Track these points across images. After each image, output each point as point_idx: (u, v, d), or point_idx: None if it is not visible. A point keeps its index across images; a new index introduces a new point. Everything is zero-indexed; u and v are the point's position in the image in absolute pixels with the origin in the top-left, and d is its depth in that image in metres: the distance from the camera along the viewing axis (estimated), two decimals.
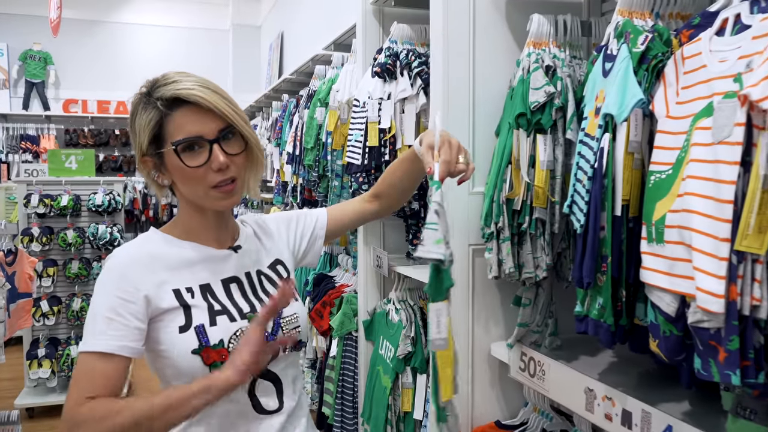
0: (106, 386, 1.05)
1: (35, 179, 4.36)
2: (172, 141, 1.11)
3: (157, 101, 1.12)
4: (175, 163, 1.12)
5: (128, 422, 1.00)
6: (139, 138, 1.14)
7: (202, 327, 1.13)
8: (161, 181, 1.19)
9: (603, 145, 1.10)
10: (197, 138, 1.12)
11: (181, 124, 1.11)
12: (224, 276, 1.21)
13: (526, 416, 1.68)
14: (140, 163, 1.17)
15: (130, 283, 1.10)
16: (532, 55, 1.40)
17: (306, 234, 1.42)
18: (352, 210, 1.48)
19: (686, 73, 1.01)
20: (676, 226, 0.95)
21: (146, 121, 1.12)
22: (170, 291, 1.14)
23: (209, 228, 1.23)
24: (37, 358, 4.21)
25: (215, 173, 1.13)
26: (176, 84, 1.11)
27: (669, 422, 1.05)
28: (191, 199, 1.18)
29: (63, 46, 7.94)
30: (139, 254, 1.16)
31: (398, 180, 1.38)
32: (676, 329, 0.98)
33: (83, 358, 1.07)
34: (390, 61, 2.14)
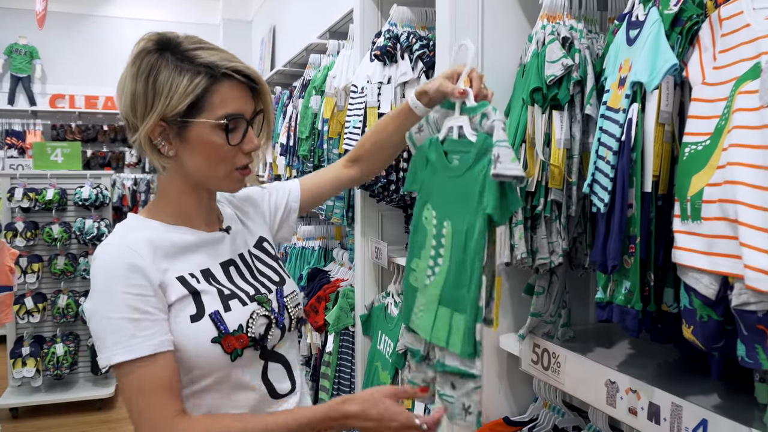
0: (169, 388, 1.00)
1: (19, 173, 4.24)
2: (219, 115, 1.03)
3: (207, 67, 1.02)
4: (208, 137, 1.04)
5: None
6: (168, 100, 1.01)
7: (218, 313, 1.06)
8: (167, 150, 1.06)
9: (631, 116, 1.02)
10: (241, 116, 1.06)
11: (228, 97, 1.04)
12: (222, 259, 1.16)
13: (535, 412, 1.60)
14: (152, 126, 1.03)
15: (139, 275, 1.00)
16: (547, 27, 1.32)
17: (279, 207, 1.37)
18: (327, 177, 1.43)
19: (724, 35, 0.92)
20: (716, 200, 0.87)
21: (188, 85, 1.01)
22: (174, 279, 1.06)
23: (200, 210, 1.16)
24: (21, 357, 4.09)
25: (244, 155, 1.09)
26: (221, 53, 1.05)
27: (703, 416, 0.97)
28: (200, 178, 1.10)
29: (49, 40, 7.78)
30: (134, 243, 1.04)
31: (387, 137, 1.32)
32: (715, 314, 0.90)
33: (124, 370, 0.98)
34: (390, 44, 2.05)
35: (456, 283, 1.06)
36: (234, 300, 1.10)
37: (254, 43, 7.49)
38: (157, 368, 0.99)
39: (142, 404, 0.99)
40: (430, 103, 1.22)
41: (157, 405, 0.99)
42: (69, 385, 4.34)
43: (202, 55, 1.03)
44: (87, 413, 4.20)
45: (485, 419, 1.61)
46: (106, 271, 1.01)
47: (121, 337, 0.98)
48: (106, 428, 4.00)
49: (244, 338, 1.07)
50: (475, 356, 1.02)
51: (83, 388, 4.33)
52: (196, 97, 1.02)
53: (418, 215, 1.17)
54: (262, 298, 1.14)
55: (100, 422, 4.09)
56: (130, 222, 1.11)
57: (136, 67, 1.04)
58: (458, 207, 1.07)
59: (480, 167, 1.03)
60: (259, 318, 1.10)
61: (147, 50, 1.04)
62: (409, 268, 1.18)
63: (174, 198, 1.13)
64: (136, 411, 0.99)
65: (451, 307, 1.06)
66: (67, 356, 4.17)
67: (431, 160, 1.15)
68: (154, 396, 0.98)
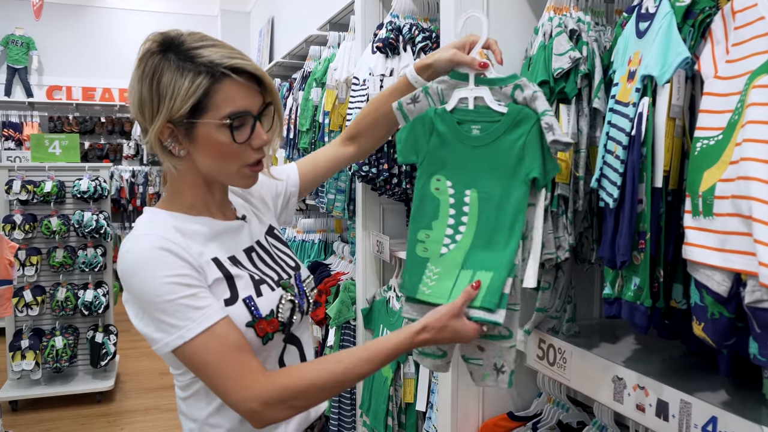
0: (247, 347, 1.03)
1: (17, 165, 4.21)
2: (223, 115, 1.02)
3: (207, 67, 1.01)
4: (215, 136, 1.03)
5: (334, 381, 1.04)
6: (172, 103, 1.01)
7: (251, 298, 1.09)
8: (177, 151, 1.06)
9: (641, 110, 1.00)
10: (247, 113, 1.05)
11: (231, 96, 1.03)
12: (244, 246, 1.18)
13: (539, 407, 1.60)
14: (160, 128, 1.03)
15: (176, 258, 1.01)
16: (554, 19, 1.30)
17: (280, 194, 1.38)
18: (325, 159, 1.43)
19: (737, 28, 0.91)
20: (729, 196, 0.86)
21: (190, 86, 1.00)
22: (210, 261, 1.08)
23: (214, 203, 1.16)
24: (21, 350, 4.08)
25: (253, 151, 1.08)
26: (223, 50, 1.03)
27: (713, 413, 0.96)
28: (212, 175, 1.11)
29: (46, 31, 7.73)
30: (164, 231, 1.04)
31: (384, 114, 1.32)
32: (727, 311, 0.89)
33: (199, 344, 0.99)
34: (393, 36, 2.03)
35: (487, 246, 1.11)
36: (264, 285, 1.12)
37: (252, 34, 7.45)
38: (231, 331, 1.02)
39: (229, 366, 1.00)
40: (433, 75, 1.22)
41: (244, 363, 1.01)
42: (68, 378, 4.33)
43: (204, 54, 1.02)
44: (86, 406, 4.20)
45: (490, 414, 1.61)
46: (145, 263, 1.01)
47: (187, 313, 0.99)
48: (105, 421, 4.00)
49: (275, 323, 1.10)
50: (498, 307, 1.07)
51: (82, 381, 4.33)
52: (198, 98, 1.01)
53: (425, 186, 1.20)
54: (287, 283, 1.17)
55: (100, 415, 4.09)
56: (152, 215, 1.11)
57: (141, 70, 1.04)
58: (486, 174, 1.13)
59: (516, 135, 1.09)
60: (286, 303, 1.13)
61: (151, 51, 1.03)
62: (416, 240, 1.20)
63: (188, 192, 1.13)
64: (223, 376, 1.00)
65: (473, 269, 1.11)
66: (66, 349, 4.16)
67: (440, 131, 1.17)
68: (238, 356, 1.01)
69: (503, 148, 1.10)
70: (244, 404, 1.00)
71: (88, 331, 4.34)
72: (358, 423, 2.40)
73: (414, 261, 1.20)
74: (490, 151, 1.12)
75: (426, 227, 1.19)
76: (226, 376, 1.00)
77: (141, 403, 4.29)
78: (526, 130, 1.07)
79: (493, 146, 1.12)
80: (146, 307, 1.01)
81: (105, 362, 4.27)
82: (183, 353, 1.01)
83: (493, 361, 1.13)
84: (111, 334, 4.36)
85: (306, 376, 1.04)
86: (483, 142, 1.13)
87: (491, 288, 1.08)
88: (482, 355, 1.14)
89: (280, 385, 1.01)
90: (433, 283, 1.16)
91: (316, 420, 1.24)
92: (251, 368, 1.01)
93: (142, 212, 1.14)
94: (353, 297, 2.47)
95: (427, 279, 1.17)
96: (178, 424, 3.33)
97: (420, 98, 1.21)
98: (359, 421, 2.38)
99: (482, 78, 1.14)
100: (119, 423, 3.98)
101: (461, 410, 1.59)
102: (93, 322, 4.40)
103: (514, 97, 1.10)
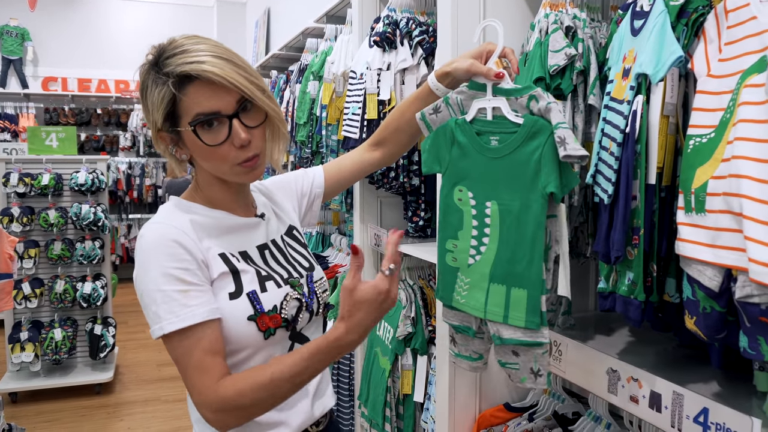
0: (217, 353, 1.03)
1: (14, 157, 4.21)
2: (190, 120, 1.04)
3: (168, 77, 1.03)
4: (194, 141, 1.06)
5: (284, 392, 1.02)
6: (153, 115, 1.07)
7: (255, 293, 1.10)
8: (180, 155, 1.12)
9: (635, 108, 1.02)
10: (215, 114, 1.04)
11: (196, 100, 1.04)
12: (258, 243, 1.19)
13: (535, 398, 1.62)
14: (156, 138, 1.11)
15: (183, 250, 1.05)
16: (550, 16, 1.31)
17: (305, 195, 1.40)
18: (350, 163, 1.44)
19: (730, 27, 0.92)
20: (720, 193, 0.88)
21: (158, 98, 1.04)
22: (217, 256, 1.10)
23: (232, 198, 1.19)
24: (20, 342, 4.10)
25: (238, 150, 1.07)
26: (185, 56, 1.02)
27: (704, 404, 0.98)
28: (215, 174, 1.14)
29: (41, 22, 7.69)
30: (178, 222, 1.08)
31: (406, 122, 1.33)
32: (718, 305, 0.91)
33: (176, 339, 1.02)
34: (390, 30, 2.04)
35: (511, 259, 1.11)
36: (270, 281, 1.13)
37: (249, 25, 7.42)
38: (205, 335, 1.03)
39: (192, 368, 1.02)
40: (453, 83, 1.23)
41: (205, 368, 1.02)
42: (67, 370, 4.35)
43: (170, 63, 1.03)
44: (86, 398, 4.22)
45: (487, 405, 1.63)
46: (154, 248, 1.04)
47: (173, 307, 1.02)
48: (104, 413, 4.02)
49: (278, 318, 1.11)
50: (541, 325, 1.09)
51: (82, 372, 4.35)
52: (167, 108, 1.05)
53: (448, 196, 1.21)
54: (295, 282, 1.18)
55: (99, 406, 4.11)
56: (173, 205, 1.15)
57: (140, 84, 1.09)
58: (505, 186, 1.11)
59: (532, 148, 1.07)
60: (291, 300, 1.14)
61: (145, 63, 1.08)
62: (444, 249, 1.22)
63: (206, 188, 1.17)
64: (188, 376, 1.03)
65: (506, 284, 1.12)
66: (65, 341, 4.17)
67: (460, 142, 1.18)
68: (202, 360, 1.02)
69: (520, 160, 1.09)
70: (199, 409, 1.02)
71: (87, 323, 4.36)
72: (356, 414, 2.43)
73: (445, 270, 1.22)
74: (508, 162, 1.11)
75: (453, 237, 1.20)
76: (189, 377, 1.02)
77: (140, 394, 4.31)
78: (541, 143, 1.05)
79: (510, 158, 1.11)
80: (144, 291, 1.05)
81: (104, 354, 4.29)
82: (165, 344, 1.05)
83: (529, 365, 1.13)
84: (109, 326, 4.38)
85: (240, 385, 1.01)
86: (501, 154, 1.12)
87: (530, 308, 1.09)
88: (518, 359, 1.14)
89: (222, 395, 1.01)
90: (465, 293, 1.19)
91: (321, 417, 1.25)
92: (211, 373, 1.02)
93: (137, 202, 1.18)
94: None
95: (459, 288, 1.20)
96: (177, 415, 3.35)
97: (441, 108, 1.22)
98: (357, 412, 2.41)
99: (499, 88, 1.12)
100: (119, 414, 4.00)
101: (458, 401, 1.62)
102: (91, 315, 4.42)
103: (530, 108, 1.09)
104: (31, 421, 3.85)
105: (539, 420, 1.53)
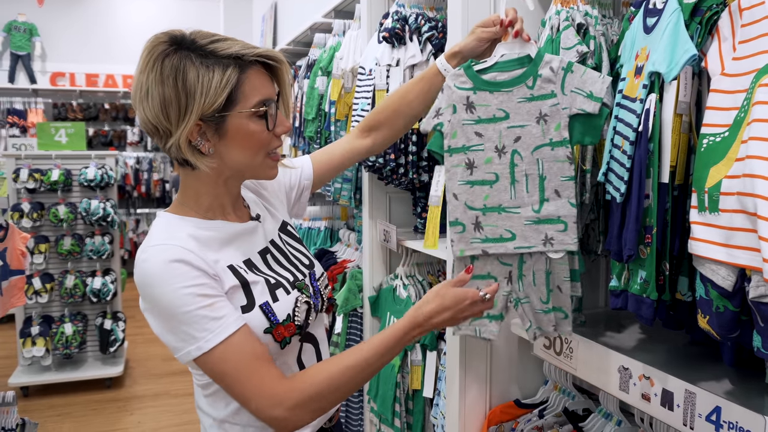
0: (265, 356, 1.04)
1: (24, 153, 4.23)
2: (252, 105, 1.04)
3: (234, 59, 1.02)
4: (246, 126, 1.05)
5: (351, 377, 1.05)
6: (203, 98, 0.99)
7: (268, 304, 1.09)
8: (207, 149, 1.05)
9: (648, 106, 1.02)
10: (271, 101, 1.07)
11: (257, 85, 1.05)
12: (258, 248, 1.17)
13: (546, 395, 1.63)
14: (191, 127, 1.01)
15: (191, 268, 1.01)
16: (562, 12, 1.30)
17: (293, 187, 1.38)
18: (341, 151, 1.43)
19: (744, 25, 0.92)
20: (734, 193, 0.87)
21: (221, 81, 1.00)
22: (226, 269, 1.07)
23: (230, 202, 1.16)
24: (31, 336, 4.13)
25: (276, 139, 1.10)
26: (232, 42, 1.04)
27: (717, 403, 0.99)
28: (240, 169, 1.10)
29: (49, 17, 7.71)
30: (179, 240, 1.03)
31: (407, 104, 1.33)
32: (731, 305, 0.91)
33: (218, 354, 1.00)
34: (399, 26, 2.03)
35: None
36: (279, 289, 1.12)
37: (255, 19, 7.41)
38: (248, 340, 1.03)
39: (247, 376, 1.01)
40: (462, 62, 1.25)
41: (262, 371, 1.02)
42: (78, 364, 4.39)
43: (223, 47, 1.02)
44: (96, 392, 4.26)
45: (497, 402, 1.63)
46: (160, 273, 1.00)
47: (204, 324, 0.99)
48: (115, 407, 4.05)
49: (292, 327, 1.11)
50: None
51: (92, 367, 4.38)
52: (231, 90, 1.02)
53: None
54: (301, 284, 1.17)
55: (110, 400, 4.14)
56: (166, 221, 1.10)
57: (157, 72, 1.01)
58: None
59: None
60: (302, 305, 1.14)
61: (164, 52, 1.01)
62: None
63: (206, 193, 1.12)
64: (244, 385, 1.01)
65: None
66: (76, 336, 4.21)
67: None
68: (254, 364, 1.01)
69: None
70: (268, 411, 1.01)
71: (97, 318, 4.39)
72: (366, 409, 2.44)
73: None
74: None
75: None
76: (246, 385, 1.01)
77: (150, 388, 4.35)
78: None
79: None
80: (166, 318, 1.01)
81: (114, 348, 4.32)
82: (203, 363, 1.01)
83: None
84: (119, 321, 4.41)
85: (322, 376, 1.04)
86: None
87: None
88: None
89: (299, 390, 1.02)
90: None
91: (335, 412, 1.27)
92: (271, 376, 1.02)
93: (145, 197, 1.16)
94: (360, 285, 2.49)
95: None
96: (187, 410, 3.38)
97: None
98: (366, 407, 2.42)
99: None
100: (129, 408, 4.04)
101: (469, 397, 1.62)
102: (101, 309, 4.45)
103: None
104: (42, 414, 3.88)
105: (549, 416, 1.53)
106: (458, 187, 1.22)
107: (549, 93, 1.17)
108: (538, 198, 1.18)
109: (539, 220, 1.19)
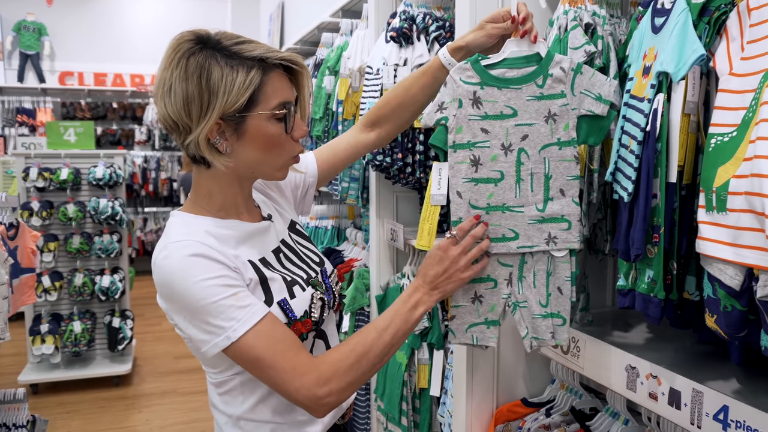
0: (295, 340, 1.05)
1: (33, 152, 4.27)
2: (273, 107, 1.06)
3: (258, 61, 1.04)
4: (265, 128, 1.06)
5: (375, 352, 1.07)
6: (226, 97, 1.01)
7: (286, 301, 1.10)
8: (225, 148, 1.06)
9: (656, 106, 1.02)
10: (290, 104, 1.09)
11: (278, 87, 1.07)
12: (272, 247, 1.19)
13: (552, 393, 1.63)
14: (211, 125, 1.02)
15: (213, 261, 1.02)
16: (570, 12, 1.31)
17: (298, 186, 1.39)
18: (345, 146, 1.43)
19: (753, 25, 0.92)
20: (743, 192, 0.87)
21: (244, 81, 1.02)
22: (247, 262, 1.09)
23: (243, 202, 1.17)
24: (40, 334, 4.17)
25: (295, 143, 1.11)
26: (256, 45, 1.06)
27: (725, 402, 0.99)
28: (256, 169, 1.12)
29: (57, 17, 7.77)
30: (198, 235, 1.04)
31: (411, 98, 1.33)
32: (739, 304, 0.91)
33: (249, 340, 1.00)
34: (406, 25, 2.04)
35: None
36: (296, 286, 1.14)
37: (262, 19, 7.43)
38: (276, 325, 1.04)
39: (281, 357, 1.02)
40: (466, 56, 1.24)
41: (295, 351, 1.03)
42: (87, 362, 4.42)
43: (247, 49, 1.04)
44: (105, 389, 4.29)
45: (504, 400, 1.64)
46: (181, 269, 1.01)
47: (231, 313, 1.00)
48: (123, 404, 4.08)
49: (309, 323, 1.12)
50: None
51: (101, 364, 4.41)
52: (253, 91, 1.03)
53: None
54: (315, 281, 1.19)
55: (118, 398, 4.17)
56: (182, 219, 1.11)
57: (181, 69, 1.02)
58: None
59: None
60: (317, 301, 1.15)
61: (190, 50, 1.03)
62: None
63: (219, 193, 1.13)
64: (278, 366, 1.02)
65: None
66: (85, 333, 4.24)
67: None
68: (289, 347, 1.03)
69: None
70: (305, 391, 1.01)
71: (105, 316, 4.42)
72: (373, 408, 2.45)
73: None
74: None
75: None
76: (281, 368, 1.01)
77: (158, 386, 4.37)
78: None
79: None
80: (191, 312, 1.01)
81: (122, 346, 4.35)
82: (233, 352, 1.02)
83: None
84: (127, 319, 4.44)
85: (346, 348, 1.07)
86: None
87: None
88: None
89: (330, 363, 1.04)
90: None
91: (348, 409, 1.28)
92: (303, 356, 1.03)
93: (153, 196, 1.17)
94: (367, 284, 2.50)
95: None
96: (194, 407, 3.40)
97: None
98: (373, 406, 2.43)
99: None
100: (137, 406, 4.06)
101: (475, 396, 1.63)
102: (110, 307, 4.48)
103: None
104: (51, 412, 3.91)
105: (556, 415, 1.54)
106: (462, 185, 1.21)
107: (559, 93, 1.17)
108: (543, 197, 1.18)
109: (543, 219, 1.18)
